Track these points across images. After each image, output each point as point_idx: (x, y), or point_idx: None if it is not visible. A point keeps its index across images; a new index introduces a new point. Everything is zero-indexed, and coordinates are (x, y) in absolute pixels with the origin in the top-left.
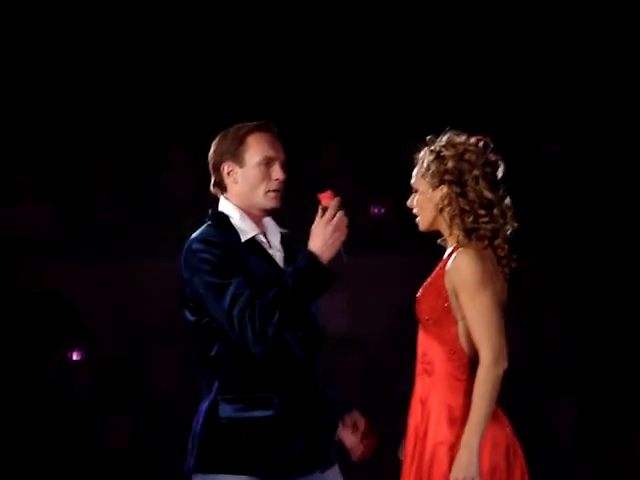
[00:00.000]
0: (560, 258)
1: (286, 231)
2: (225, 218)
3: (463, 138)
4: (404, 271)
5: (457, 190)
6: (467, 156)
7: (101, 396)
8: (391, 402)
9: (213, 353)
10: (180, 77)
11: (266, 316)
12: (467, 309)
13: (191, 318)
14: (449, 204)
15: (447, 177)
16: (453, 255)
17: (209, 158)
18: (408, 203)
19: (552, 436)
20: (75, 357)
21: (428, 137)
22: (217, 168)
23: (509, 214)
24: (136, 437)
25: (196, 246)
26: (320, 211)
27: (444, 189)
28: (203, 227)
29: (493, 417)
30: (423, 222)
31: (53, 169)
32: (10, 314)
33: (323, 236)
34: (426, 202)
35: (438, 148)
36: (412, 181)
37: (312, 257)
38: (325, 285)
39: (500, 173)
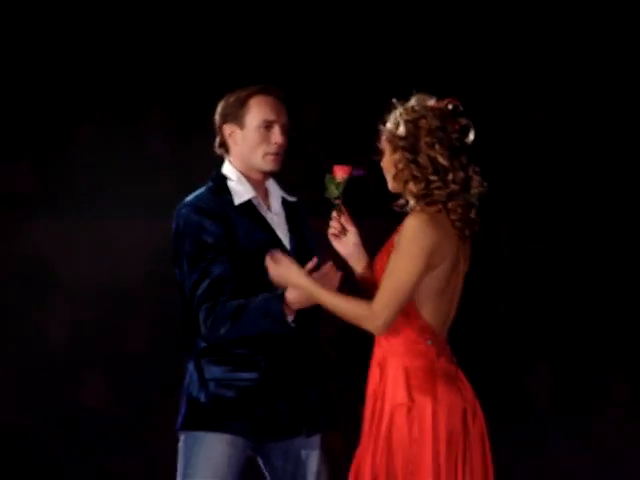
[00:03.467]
0: (536, 224)
1: (293, 198)
2: (223, 180)
3: (429, 102)
4: (381, 233)
5: (409, 156)
6: (422, 122)
7: (78, 354)
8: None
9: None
10: (162, 40)
11: (219, 322)
12: (390, 262)
13: (179, 277)
14: (402, 169)
15: (400, 143)
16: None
17: (214, 119)
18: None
19: (527, 401)
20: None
21: (394, 100)
22: (220, 129)
23: (475, 180)
24: (113, 395)
25: (184, 211)
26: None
27: (398, 154)
28: (201, 189)
29: (449, 381)
30: (389, 184)
31: (32, 127)
32: None
33: (307, 294)
34: (388, 165)
35: (400, 111)
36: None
37: (282, 310)
38: (282, 331)
39: (470, 137)
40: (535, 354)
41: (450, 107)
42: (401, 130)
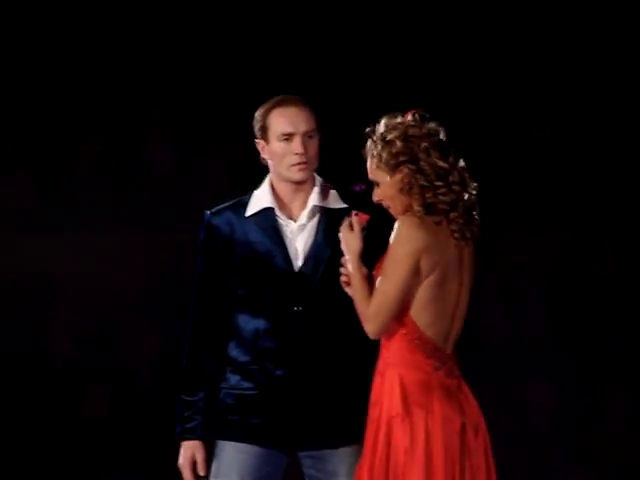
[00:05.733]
0: (541, 236)
1: (339, 205)
2: (252, 190)
3: (399, 117)
4: None
5: (413, 167)
6: (411, 132)
7: (79, 366)
8: None
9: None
10: (158, 49)
11: (191, 352)
12: (383, 267)
13: None
14: (409, 183)
15: (401, 158)
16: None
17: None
18: (374, 199)
19: (527, 418)
20: None
21: (367, 129)
22: (256, 144)
23: (466, 176)
24: (114, 407)
25: (206, 216)
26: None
27: (402, 170)
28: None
29: (447, 395)
30: (396, 210)
31: (34, 140)
32: None
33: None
34: (390, 191)
35: (382, 135)
36: (369, 176)
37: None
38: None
39: (443, 137)
40: (535, 370)
41: (418, 116)
42: (398, 146)
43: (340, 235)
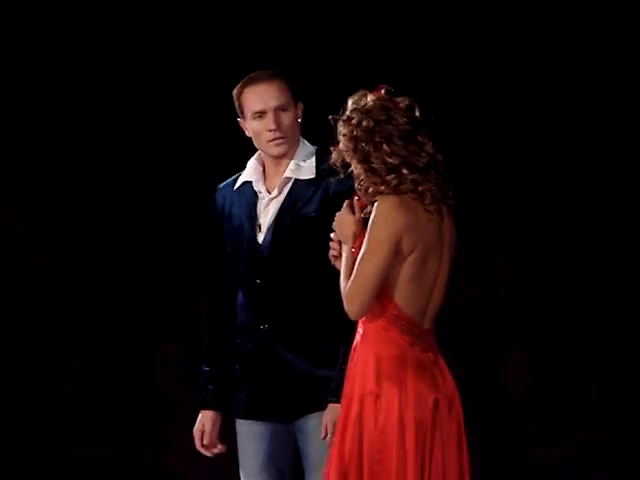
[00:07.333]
0: (513, 209)
1: (308, 176)
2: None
3: (363, 99)
4: None
5: (365, 167)
6: (358, 130)
7: (53, 341)
8: None
9: None
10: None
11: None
12: (362, 247)
13: None
14: (364, 180)
15: (353, 156)
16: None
17: None
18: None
19: (502, 390)
20: None
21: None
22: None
23: (438, 155)
24: (84, 381)
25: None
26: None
27: (356, 167)
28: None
29: (421, 370)
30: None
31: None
32: None
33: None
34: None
35: (341, 122)
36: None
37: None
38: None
39: (417, 113)
40: (510, 344)
41: (383, 92)
42: (345, 145)
43: (337, 215)
